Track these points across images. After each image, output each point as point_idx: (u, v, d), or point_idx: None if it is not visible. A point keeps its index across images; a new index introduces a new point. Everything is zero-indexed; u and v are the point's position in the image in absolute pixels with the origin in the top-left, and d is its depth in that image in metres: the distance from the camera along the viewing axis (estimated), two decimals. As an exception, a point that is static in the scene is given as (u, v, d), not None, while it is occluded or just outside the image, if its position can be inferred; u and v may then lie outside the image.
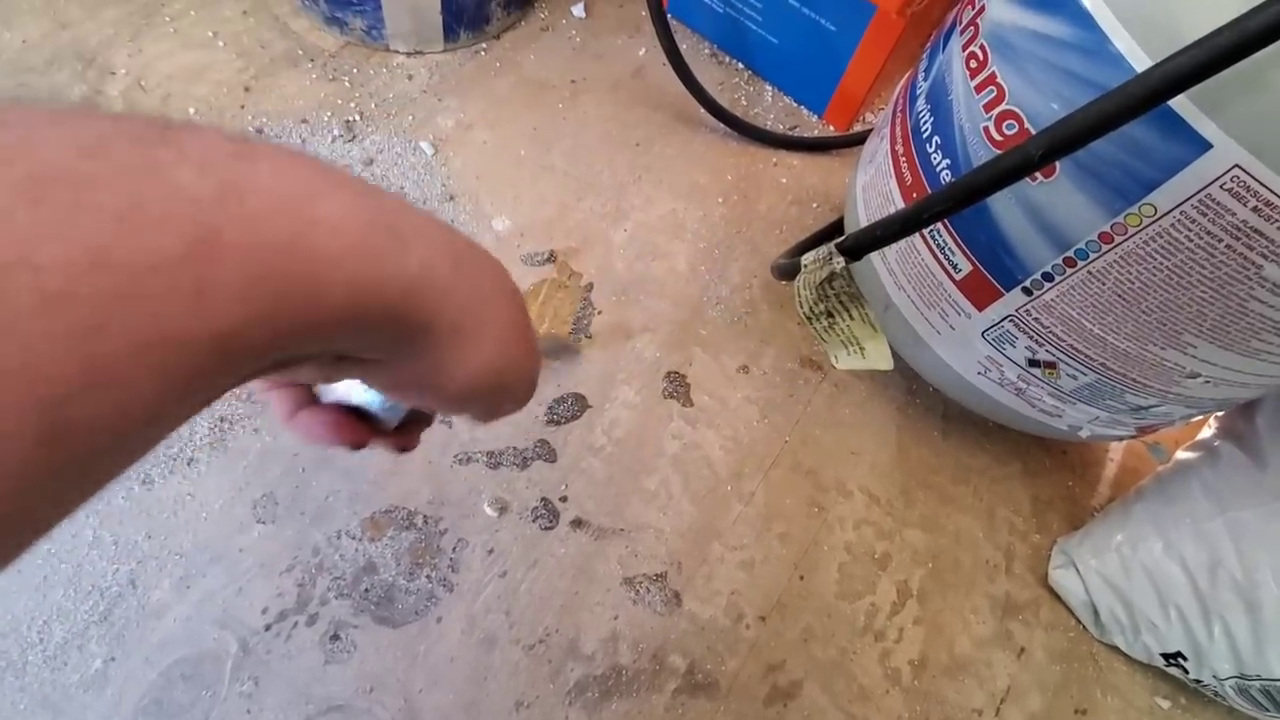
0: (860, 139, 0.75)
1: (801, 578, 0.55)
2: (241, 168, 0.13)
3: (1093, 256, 0.38)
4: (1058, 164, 0.37)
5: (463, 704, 0.47)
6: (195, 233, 0.12)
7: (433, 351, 0.18)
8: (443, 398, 0.20)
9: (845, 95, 0.75)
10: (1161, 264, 0.36)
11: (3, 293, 0.10)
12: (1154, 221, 0.35)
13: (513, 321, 0.20)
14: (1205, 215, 0.33)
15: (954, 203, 0.34)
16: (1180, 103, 0.32)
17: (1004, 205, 0.41)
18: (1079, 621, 0.57)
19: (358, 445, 0.23)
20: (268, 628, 0.47)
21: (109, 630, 0.46)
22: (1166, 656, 0.52)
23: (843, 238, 0.41)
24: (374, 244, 0.15)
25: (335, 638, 0.47)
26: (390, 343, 0.17)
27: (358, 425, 0.23)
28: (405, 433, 0.26)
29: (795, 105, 0.79)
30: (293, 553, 0.49)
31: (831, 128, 0.78)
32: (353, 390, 0.24)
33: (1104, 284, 0.39)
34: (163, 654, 0.46)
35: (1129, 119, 0.27)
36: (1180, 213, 0.34)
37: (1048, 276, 0.41)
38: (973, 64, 0.41)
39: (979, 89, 0.41)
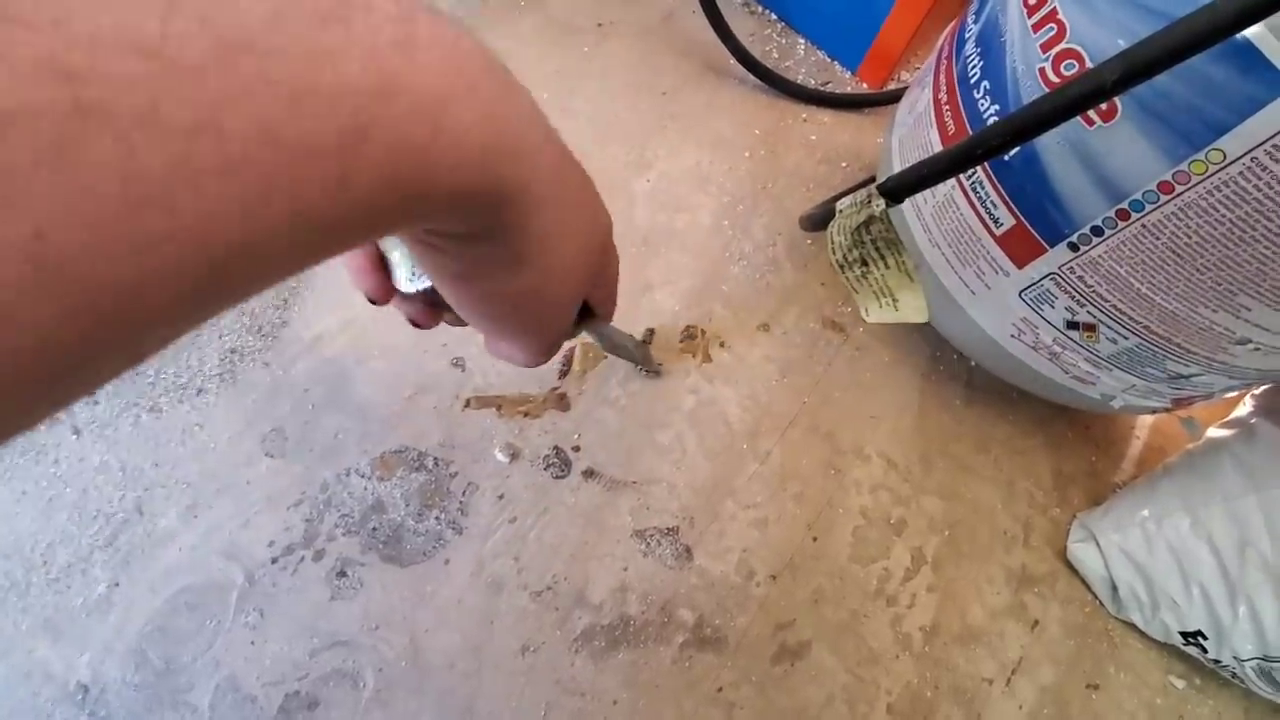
0: (894, 97, 0.73)
1: (815, 539, 0.54)
2: (399, 63, 0.13)
3: (1149, 208, 0.36)
4: (1119, 106, 0.35)
5: (469, 646, 0.46)
6: (350, 125, 0.12)
7: (511, 244, 0.19)
8: (484, 295, 0.22)
9: (881, 51, 0.72)
10: (1224, 216, 0.34)
11: (190, 153, 0.10)
12: (1220, 169, 0.33)
13: (585, 261, 0.23)
14: (1278, 162, 0.31)
15: (1012, 136, 0.31)
16: (1262, 37, 0.30)
17: (1056, 152, 0.39)
18: (1095, 597, 0.56)
19: (375, 297, 0.24)
20: (274, 561, 0.46)
21: (114, 555, 0.46)
22: (1185, 635, 0.51)
23: (883, 179, 0.38)
24: (490, 161, 0.16)
25: (342, 574, 0.47)
26: (479, 227, 0.18)
27: (383, 280, 0.24)
28: (421, 306, 0.27)
29: (828, 60, 0.76)
30: (300, 488, 0.48)
31: (865, 85, 0.75)
32: (394, 245, 0.24)
33: (1158, 239, 0.37)
34: (168, 582, 0.45)
35: (1221, 38, 0.25)
36: (1251, 159, 0.32)
37: (1097, 231, 0.39)
38: (1031, 0, 0.39)
39: (1036, 27, 0.39)
